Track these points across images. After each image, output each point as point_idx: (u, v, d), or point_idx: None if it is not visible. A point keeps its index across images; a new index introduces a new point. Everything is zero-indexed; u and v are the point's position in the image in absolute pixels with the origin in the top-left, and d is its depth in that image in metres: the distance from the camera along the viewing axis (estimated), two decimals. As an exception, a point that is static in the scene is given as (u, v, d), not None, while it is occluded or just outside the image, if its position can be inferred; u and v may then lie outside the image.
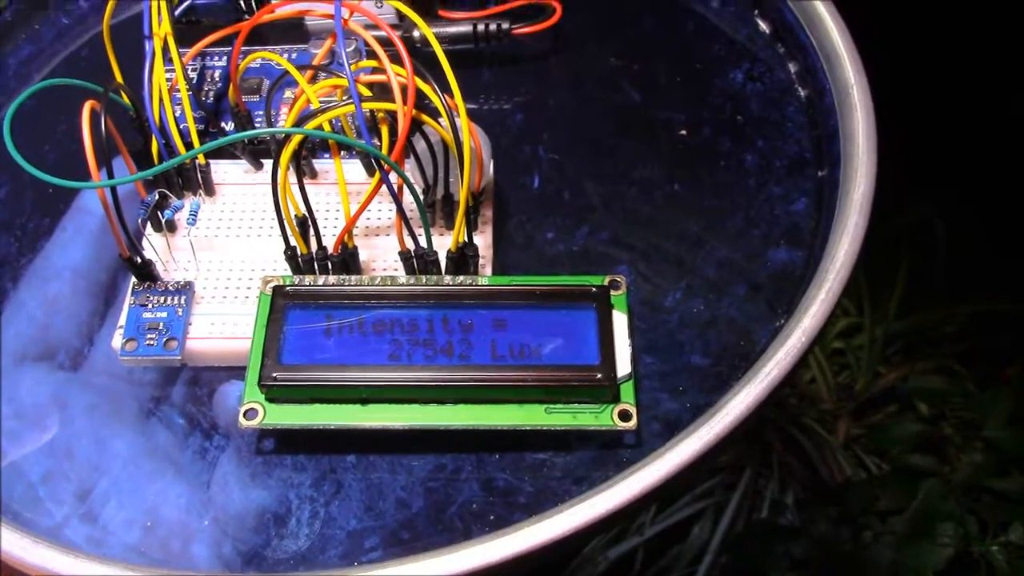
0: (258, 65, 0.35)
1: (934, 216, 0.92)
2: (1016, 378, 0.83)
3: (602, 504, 0.24)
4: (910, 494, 0.76)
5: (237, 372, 0.29)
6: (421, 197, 0.28)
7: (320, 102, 0.28)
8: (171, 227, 0.31)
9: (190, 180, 0.31)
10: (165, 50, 0.31)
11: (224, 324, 0.29)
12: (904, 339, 0.92)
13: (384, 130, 0.28)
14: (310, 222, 0.29)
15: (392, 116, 0.28)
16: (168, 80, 0.31)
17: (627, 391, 0.27)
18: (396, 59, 0.27)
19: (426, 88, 0.27)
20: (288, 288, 0.28)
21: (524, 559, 0.24)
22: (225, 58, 0.35)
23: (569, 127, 0.35)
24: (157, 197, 0.30)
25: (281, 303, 0.28)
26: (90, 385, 0.31)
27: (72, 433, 0.30)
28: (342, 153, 0.29)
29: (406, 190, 0.27)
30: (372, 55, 0.28)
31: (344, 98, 0.27)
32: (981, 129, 0.92)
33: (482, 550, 0.23)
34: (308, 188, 0.28)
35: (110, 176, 0.26)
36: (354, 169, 0.32)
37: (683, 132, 0.34)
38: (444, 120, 0.27)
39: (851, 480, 0.82)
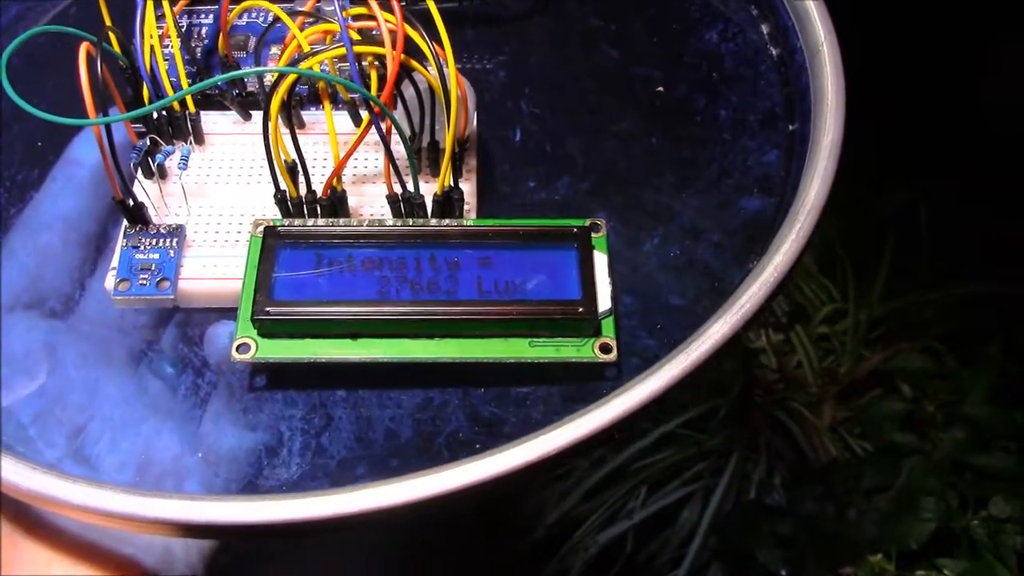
0: (245, 23, 0.36)
1: (917, 201, 0.94)
2: (996, 356, 0.84)
3: (586, 425, 0.25)
4: (893, 472, 0.78)
5: (228, 313, 0.29)
6: (409, 143, 0.29)
7: (310, 48, 0.29)
8: (162, 173, 0.31)
9: (180, 129, 0.32)
10: (156, 5, 0.32)
11: (215, 266, 0.30)
12: (887, 323, 0.93)
13: (373, 75, 0.29)
14: (299, 166, 0.29)
15: (381, 62, 0.29)
16: (159, 31, 0.31)
17: (608, 326, 0.28)
18: (384, 7, 0.28)
19: (414, 34, 0.28)
20: (279, 228, 0.29)
21: (510, 478, 0.24)
22: (212, 16, 0.36)
23: (550, 84, 0.36)
24: (148, 144, 0.31)
25: (272, 243, 0.29)
26: (82, 330, 0.31)
27: (64, 376, 0.30)
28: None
29: (395, 134, 0.28)
30: (360, 3, 0.29)
31: (334, 43, 0.28)
32: (961, 114, 0.94)
33: (463, 471, 0.24)
34: (298, 140, 0.29)
35: (108, 126, 0.27)
36: (342, 121, 0.33)
37: (660, 89, 0.35)
38: (432, 67, 0.28)
39: (836, 460, 0.84)
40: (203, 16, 0.36)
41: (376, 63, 0.29)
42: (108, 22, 0.31)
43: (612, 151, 0.34)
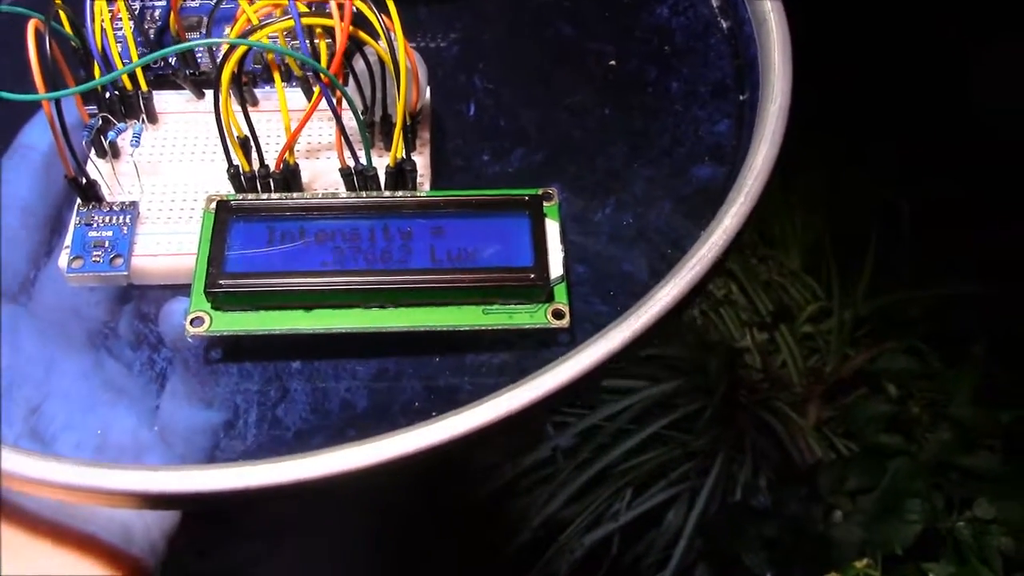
0: (198, 4, 0.36)
1: (900, 201, 0.94)
2: (980, 357, 0.84)
3: (539, 388, 0.25)
4: (879, 473, 0.78)
5: (183, 290, 0.30)
6: (361, 117, 0.29)
7: (259, 21, 0.29)
8: (115, 151, 0.31)
9: (132, 108, 0.32)
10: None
11: (169, 243, 0.30)
12: (871, 322, 0.94)
13: (323, 48, 0.29)
14: (252, 141, 0.30)
15: (330, 35, 0.29)
16: (111, 12, 0.31)
17: (560, 292, 0.29)
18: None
19: (363, 7, 0.28)
20: (232, 203, 0.29)
21: (464, 441, 0.25)
22: (165, -2, 0.36)
23: (503, 60, 0.36)
24: (100, 122, 0.31)
25: (225, 217, 0.29)
26: (37, 311, 0.31)
27: (19, 357, 0.30)
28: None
29: (346, 106, 0.28)
30: (309, -23, 0.29)
31: (283, 15, 0.28)
32: (947, 113, 0.94)
33: (417, 435, 0.24)
34: (250, 115, 0.29)
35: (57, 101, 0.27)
36: (295, 98, 0.33)
37: (613, 62, 0.36)
38: (382, 40, 0.28)
39: (821, 461, 0.84)
40: (156, -1, 0.36)
41: (327, 38, 0.29)
42: (59, 1, 0.31)
43: (565, 123, 0.34)
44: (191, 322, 0.28)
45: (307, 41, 0.29)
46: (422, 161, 0.31)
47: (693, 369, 0.92)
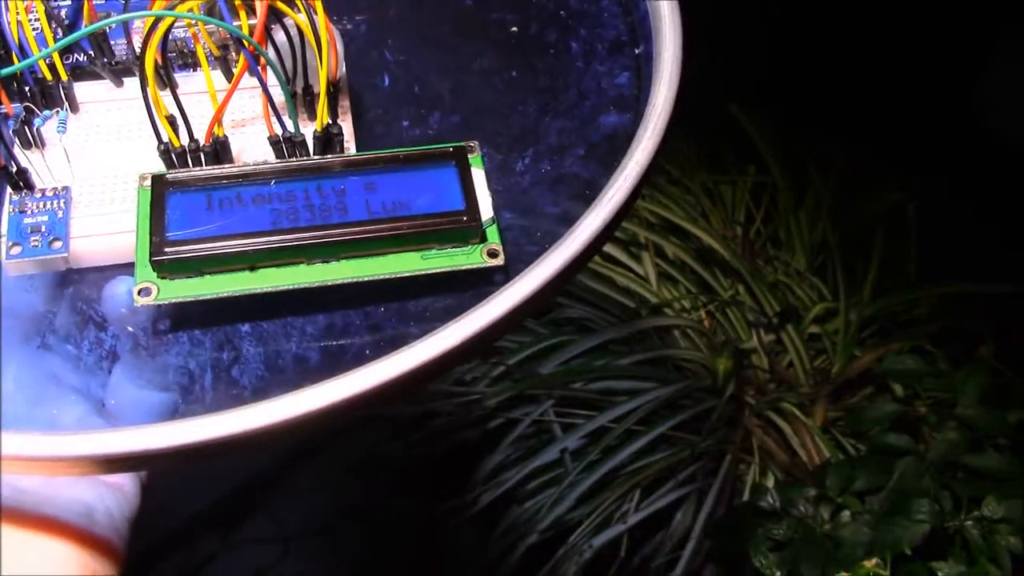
0: (104, 1, 0.36)
1: (906, 201, 0.97)
2: (987, 356, 0.86)
3: (482, 318, 0.27)
4: (886, 473, 0.79)
5: (123, 270, 0.30)
6: (286, 86, 0.31)
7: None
8: (41, 141, 0.32)
9: (54, 98, 0.32)
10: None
11: (105, 223, 0.30)
12: (878, 322, 0.95)
13: (243, 20, 0.30)
14: (180, 118, 0.30)
15: (251, 8, 0.30)
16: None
17: (492, 233, 0.30)
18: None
19: (279, -22, 0.30)
20: (167, 177, 0.30)
21: (422, 371, 0.26)
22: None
23: (410, 35, 0.38)
24: (24, 112, 0.31)
25: (161, 190, 0.30)
26: None
27: None
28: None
29: (271, 74, 0.30)
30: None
31: (202, -8, 0.29)
32: (951, 113, 0.97)
33: (366, 373, 0.26)
34: (176, 91, 0.30)
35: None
36: (215, 79, 0.34)
37: (514, 29, 0.38)
38: (301, 12, 0.30)
39: (829, 461, 0.85)
40: (62, -1, 0.36)
41: (250, 17, 0.30)
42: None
43: (477, 87, 0.36)
44: (139, 292, 0.28)
45: (229, 15, 0.30)
46: (346, 128, 0.33)
47: (700, 370, 0.93)
